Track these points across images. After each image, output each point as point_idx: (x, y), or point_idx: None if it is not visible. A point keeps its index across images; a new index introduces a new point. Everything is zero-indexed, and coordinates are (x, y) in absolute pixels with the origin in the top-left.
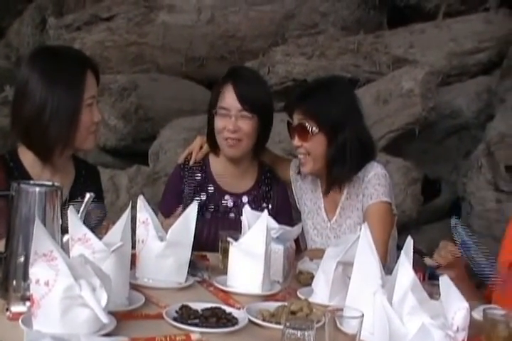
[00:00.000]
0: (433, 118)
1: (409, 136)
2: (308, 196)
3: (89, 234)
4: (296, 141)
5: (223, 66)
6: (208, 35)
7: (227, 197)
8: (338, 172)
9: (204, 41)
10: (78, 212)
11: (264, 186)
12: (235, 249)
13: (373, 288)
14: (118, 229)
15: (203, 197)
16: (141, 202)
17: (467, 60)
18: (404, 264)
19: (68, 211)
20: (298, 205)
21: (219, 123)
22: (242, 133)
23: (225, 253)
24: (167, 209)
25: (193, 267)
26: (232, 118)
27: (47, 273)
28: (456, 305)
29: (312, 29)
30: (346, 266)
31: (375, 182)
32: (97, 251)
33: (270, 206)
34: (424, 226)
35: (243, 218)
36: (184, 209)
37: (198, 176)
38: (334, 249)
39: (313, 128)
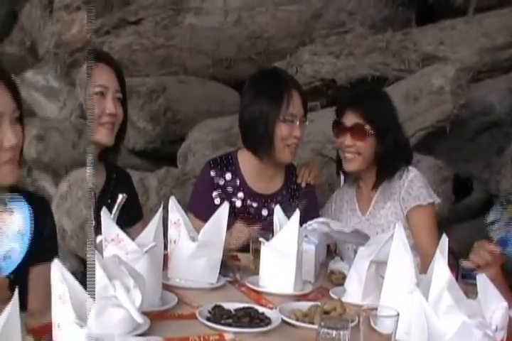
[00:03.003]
0: (464, 115)
1: (440, 133)
2: (344, 208)
3: (122, 235)
4: (349, 141)
5: (251, 67)
6: (235, 36)
7: (257, 198)
8: (387, 170)
9: (231, 43)
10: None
11: (292, 185)
12: (266, 249)
13: (408, 287)
14: (150, 230)
15: (233, 198)
16: (172, 202)
17: (499, 55)
18: (440, 263)
19: (101, 212)
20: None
21: (286, 129)
22: (300, 139)
23: (257, 253)
24: (197, 209)
25: (225, 267)
26: (297, 124)
27: None
28: (494, 304)
29: (339, 28)
30: (379, 265)
31: (419, 184)
32: (130, 251)
33: (299, 205)
34: (456, 226)
35: (274, 218)
36: (215, 209)
37: (228, 177)
38: (366, 249)
39: (370, 130)
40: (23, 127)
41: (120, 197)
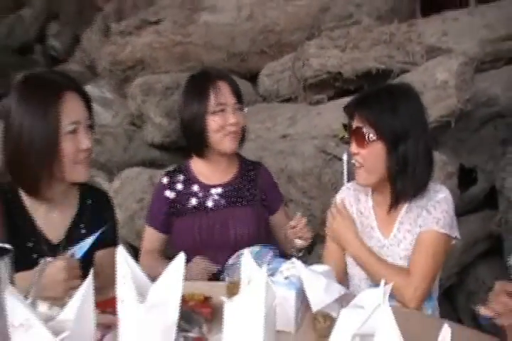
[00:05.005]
0: (469, 108)
1: (444, 127)
2: (357, 220)
3: (33, 319)
4: (354, 148)
5: (264, 60)
6: (248, 31)
7: (213, 190)
8: (402, 188)
9: (245, 37)
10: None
11: (248, 172)
12: (230, 309)
13: None
14: (76, 302)
15: (190, 196)
16: (120, 253)
17: (501, 45)
18: None
19: (7, 292)
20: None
21: (218, 120)
22: (237, 125)
23: (230, 292)
24: (154, 220)
25: (189, 321)
26: (229, 111)
27: None
28: None
29: (347, 20)
30: (365, 338)
31: (445, 207)
32: None
33: (259, 185)
34: (460, 218)
35: (242, 264)
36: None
37: (181, 178)
38: (349, 315)
39: (371, 135)
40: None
41: (41, 262)
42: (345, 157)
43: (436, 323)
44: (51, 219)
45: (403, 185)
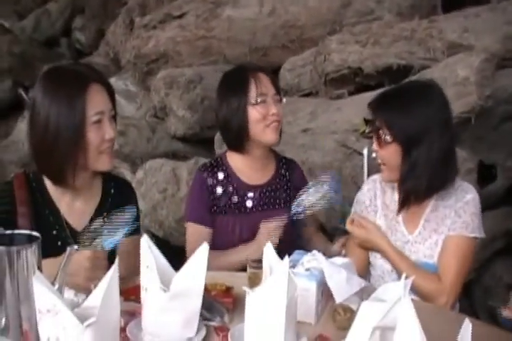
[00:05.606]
0: (489, 105)
1: (464, 123)
2: (381, 213)
3: (60, 305)
4: (375, 146)
5: (285, 54)
6: (269, 26)
7: (252, 190)
8: (410, 190)
9: (266, 32)
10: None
11: (284, 171)
12: (252, 299)
13: None
14: (101, 289)
15: (230, 195)
16: (145, 241)
17: None
18: None
19: (34, 278)
20: None
21: (260, 110)
22: (279, 116)
23: (251, 282)
24: (199, 215)
25: (211, 310)
26: (270, 102)
27: None
28: None
29: (368, 16)
30: (386, 331)
31: (473, 210)
32: (68, 326)
33: (294, 185)
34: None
35: (264, 258)
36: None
37: (221, 176)
38: (370, 307)
39: (387, 138)
40: (115, 124)
41: (68, 249)
42: (365, 151)
43: (457, 318)
44: (75, 207)
45: (414, 185)
